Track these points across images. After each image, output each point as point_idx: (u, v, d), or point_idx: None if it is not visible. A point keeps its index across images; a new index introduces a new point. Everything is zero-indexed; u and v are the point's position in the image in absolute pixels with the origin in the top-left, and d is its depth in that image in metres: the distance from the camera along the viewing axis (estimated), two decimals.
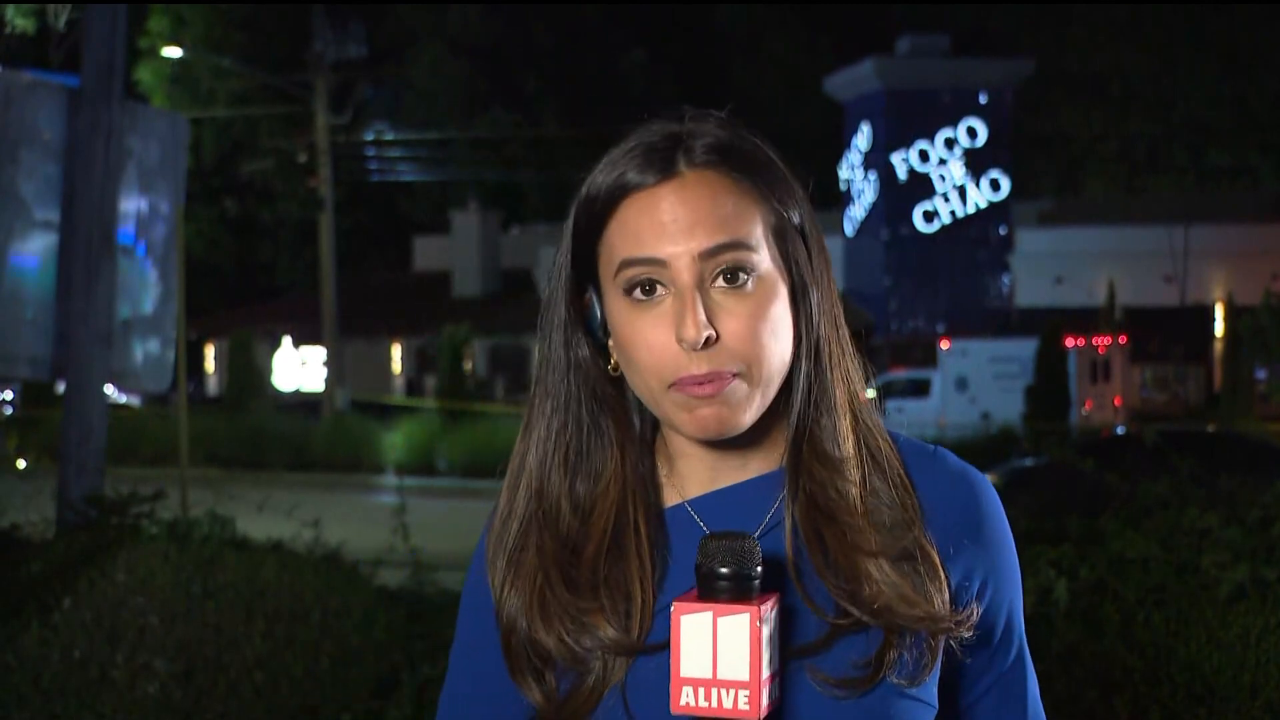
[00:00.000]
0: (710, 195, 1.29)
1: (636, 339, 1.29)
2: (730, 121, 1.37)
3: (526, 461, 1.36)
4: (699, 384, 1.26)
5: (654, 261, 1.28)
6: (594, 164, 1.36)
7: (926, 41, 37.07)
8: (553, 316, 1.35)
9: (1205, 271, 33.73)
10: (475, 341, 29.16)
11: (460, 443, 25.30)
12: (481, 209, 43.53)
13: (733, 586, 1.19)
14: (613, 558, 1.29)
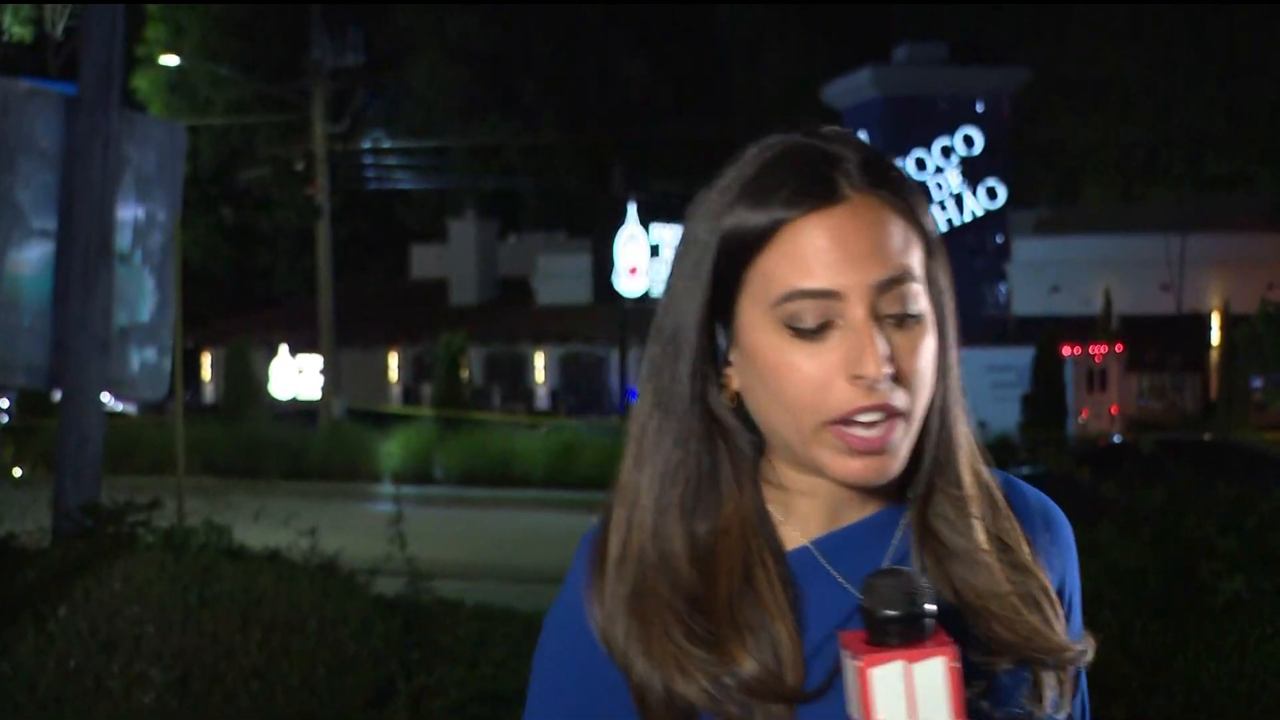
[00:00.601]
0: (879, 222, 1.23)
1: (794, 374, 1.20)
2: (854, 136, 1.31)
3: (640, 500, 1.27)
4: (866, 425, 1.19)
5: (827, 294, 1.19)
6: (709, 179, 1.30)
7: (924, 49, 37.13)
8: (679, 346, 1.25)
9: (1202, 280, 33.76)
10: (472, 350, 29.12)
11: (457, 451, 25.28)
12: (479, 217, 43.55)
13: (906, 628, 1.11)
14: (747, 600, 1.21)
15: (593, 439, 26.10)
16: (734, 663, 1.19)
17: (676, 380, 1.25)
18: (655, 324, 1.29)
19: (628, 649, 1.23)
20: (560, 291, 40.38)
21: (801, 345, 1.20)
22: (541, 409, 39.05)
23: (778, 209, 1.22)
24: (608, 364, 39.01)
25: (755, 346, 1.23)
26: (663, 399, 1.26)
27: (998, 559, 1.25)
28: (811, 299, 1.20)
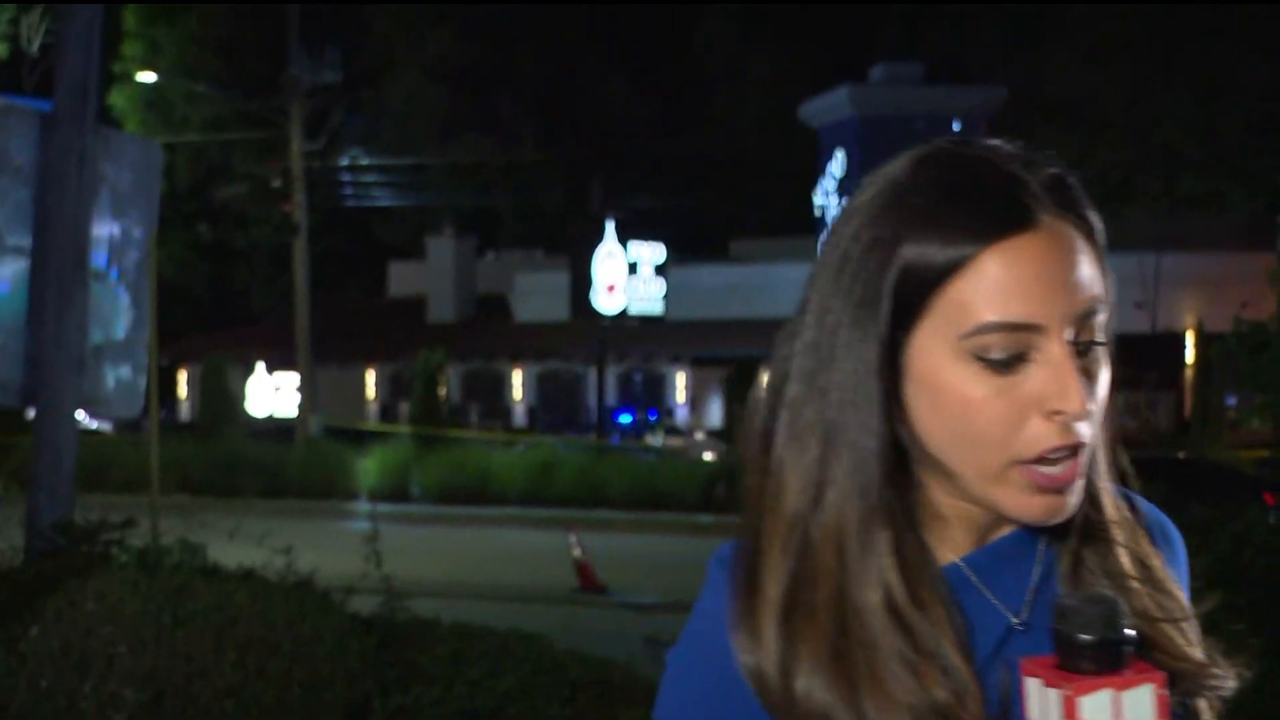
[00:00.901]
0: (1073, 248, 1.15)
1: (984, 410, 1.13)
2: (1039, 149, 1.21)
3: (820, 541, 1.17)
4: (1057, 462, 1.13)
5: (1027, 327, 1.12)
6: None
7: (900, 69, 37.35)
8: (858, 381, 1.16)
9: (1176, 298, 33.99)
10: (450, 367, 29.08)
11: (434, 468, 25.25)
12: (457, 234, 43.56)
13: (1104, 654, 1.05)
14: (916, 622, 1.16)
15: (570, 456, 26.10)
16: (928, 690, 1.13)
17: (859, 426, 1.16)
18: (801, 348, 1.21)
19: (796, 681, 1.15)
20: (538, 309, 40.38)
21: (992, 379, 1.13)
22: (519, 426, 39.00)
23: (968, 238, 1.14)
24: (585, 381, 38.99)
25: (937, 380, 1.15)
26: (834, 435, 1.17)
27: (1140, 582, 1.21)
28: (1010, 332, 1.13)
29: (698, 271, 39.32)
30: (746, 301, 37.73)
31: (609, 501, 24.21)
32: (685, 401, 38.80)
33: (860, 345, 1.17)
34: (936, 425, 1.16)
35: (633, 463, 25.61)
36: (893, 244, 1.16)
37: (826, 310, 1.20)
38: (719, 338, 36.41)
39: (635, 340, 36.05)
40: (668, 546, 20.60)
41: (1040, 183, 1.17)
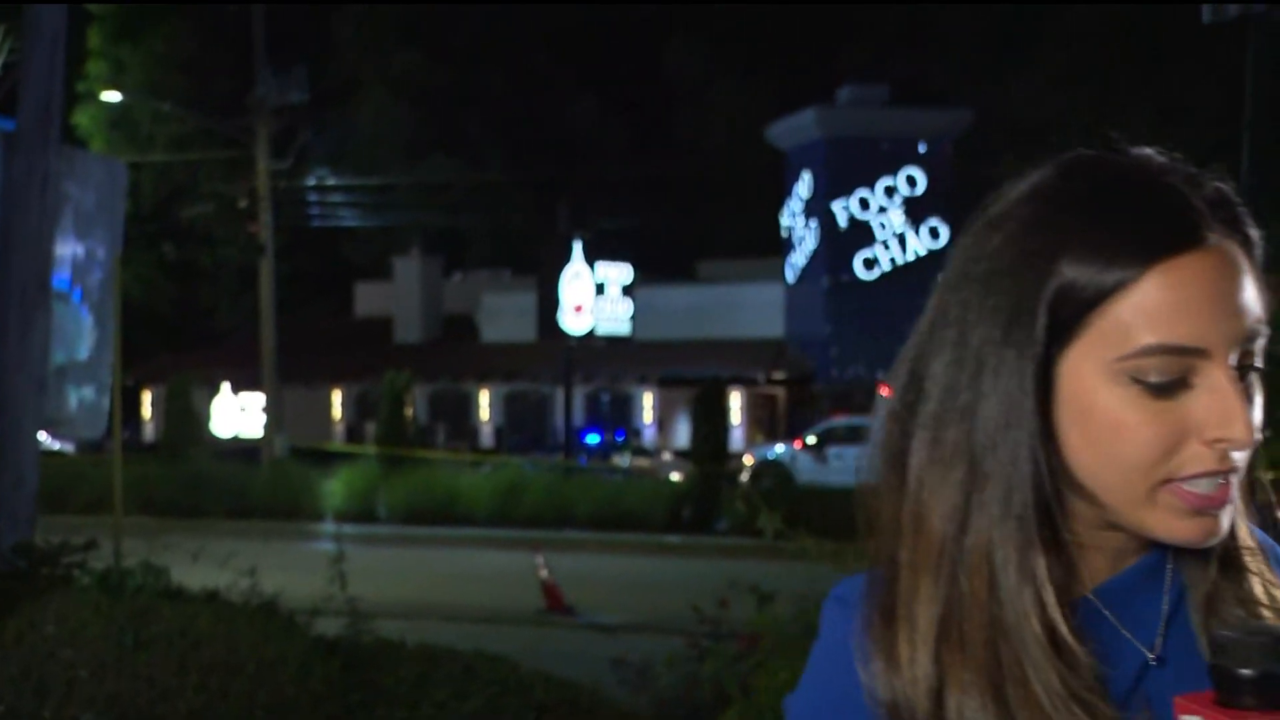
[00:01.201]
0: (1239, 269, 1.10)
1: (1139, 433, 1.08)
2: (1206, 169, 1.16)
3: (973, 571, 1.12)
4: (1212, 487, 1.09)
5: (1191, 350, 1.07)
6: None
7: (867, 91, 37.58)
8: (1006, 413, 1.11)
9: None
10: (416, 387, 29.01)
11: (400, 489, 25.18)
12: (424, 254, 43.48)
13: (1266, 689, 1.00)
14: (1079, 656, 1.10)
15: (537, 477, 26.05)
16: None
17: (1005, 439, 1.11)
18: (941, 365, 1.17)
19: (963, 717, 1.09)
20: (505, 329, 40.35)
21: (1150, 403, 1.08)
22: (486, 447, 38.91)
23: (1133, 258, 1.08)
24: (552, 402, 38.96)
25: (1089, 402, 1.10)
26: (982, 457, 1.12)
27: (1272, 610, 1.16)
28: (1169, 355, 1.07)
29: (665, 292, 39.38)
30: (714, 322, 37.78)
31: (576, 522, 24.18)
32: (652, 422, 38.83)
33: (1013, 363, 1.11)
34: (1085, 448, 1.10)
35: (600, 483, 25.58)
36: (1048, 260, 1.10)
37: (970, 325, 1.15)
38: (686, 358, 36.43)
39: (602, 360, 36.07)
40: (635, 567, 20.56)
41: (1205, 198, 1.12)
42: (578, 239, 29.43)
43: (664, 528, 23.75)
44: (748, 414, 38.52)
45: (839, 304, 36.26)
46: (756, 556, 19.99)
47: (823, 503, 23.33)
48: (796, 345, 37.23)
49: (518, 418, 40.63)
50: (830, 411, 34.19)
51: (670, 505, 24.27)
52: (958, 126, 37.49)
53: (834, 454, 29.45)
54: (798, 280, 37.47)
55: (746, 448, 34.89)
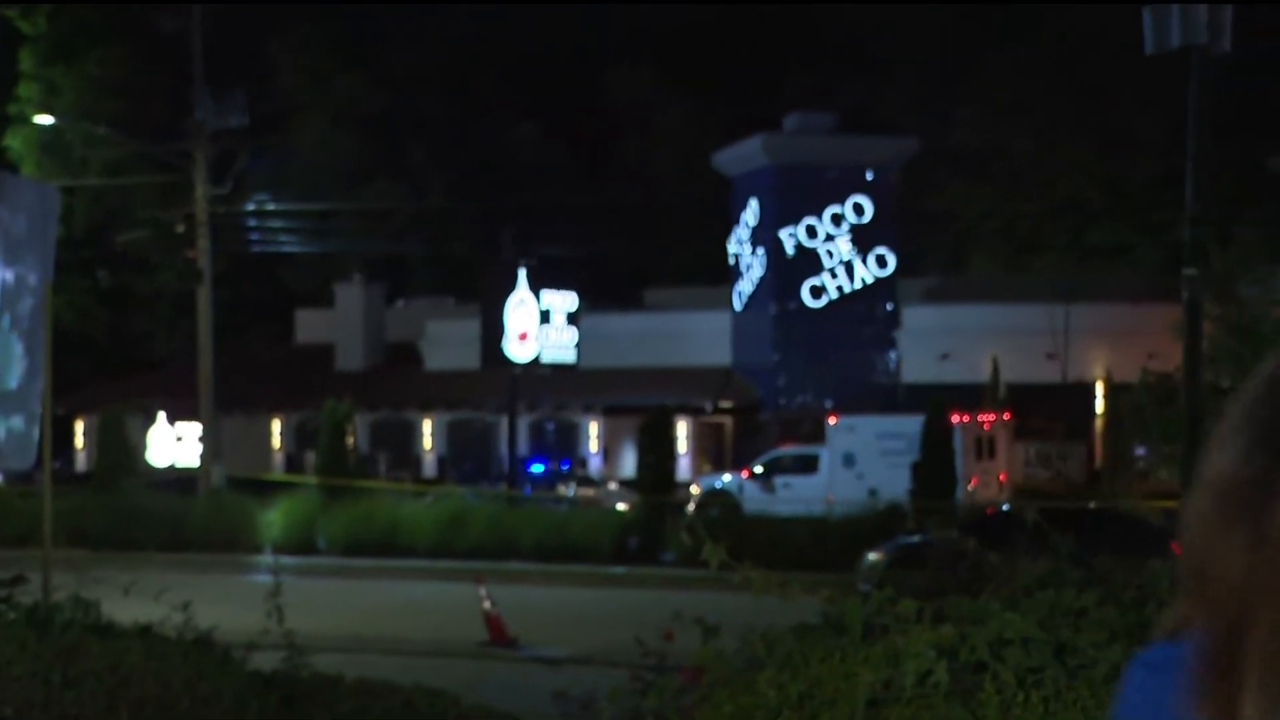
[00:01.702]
0: None
1: None
2: None
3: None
4: None
5: None
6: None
7: (814, 119, 37.88)
8: None
9: (1086, 349, 34.64)
10: (358, 416, 28.87)
11: (341, 520, 25.02)
12: (366, 281, 43.28)
13: None
14: None
15: (481, 507, 25.94)
16: None
17: None
18: None
19: None
20: (449, 357, 40.21)
21: None
22: (429, 477, 38.69)
23: None
24: (496, 431, 38.83)
25: None
26: None
27: None
28: None
29: (610, 319, 39.41)
30: (660, 350, 37.84)
31: (520, 553, 24.08)
32: (598, 451, 38.78)
33: None
34: None
35: (544, 513, 25.52)
36: None
37: None
38: (632, 386, 36.45)
39: (547, 389, 36.01)
40: (580, 599, 20.49)
41: None
42: (522, 266, 29.40)
43: (609, 559, 23.71)
44: (694, 443, 38.54)
45: (786, 332, 36.41)
46: (703, 588, 19.97)
47: (770, 533, 23.53)
48: (743, 373, 37.33)
49: (461, 447, 40.45)
50: (778, 440, 34.29)
51: (616, 536, 24.22)
52: (904, 155, 37.86)
53: (781, 483, 29.50)
54: (745, 308, 37.60)
55: (693, 477, 34.88)
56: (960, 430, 26.20)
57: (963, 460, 25.95)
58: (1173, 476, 24.33)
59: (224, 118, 28.11)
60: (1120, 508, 22.04)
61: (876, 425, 28.49)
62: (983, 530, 14.70)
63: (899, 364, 36.57)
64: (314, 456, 29.86)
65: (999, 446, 28.53)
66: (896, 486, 25.22)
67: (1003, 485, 28.31)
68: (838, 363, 36.42)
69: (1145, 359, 29.36)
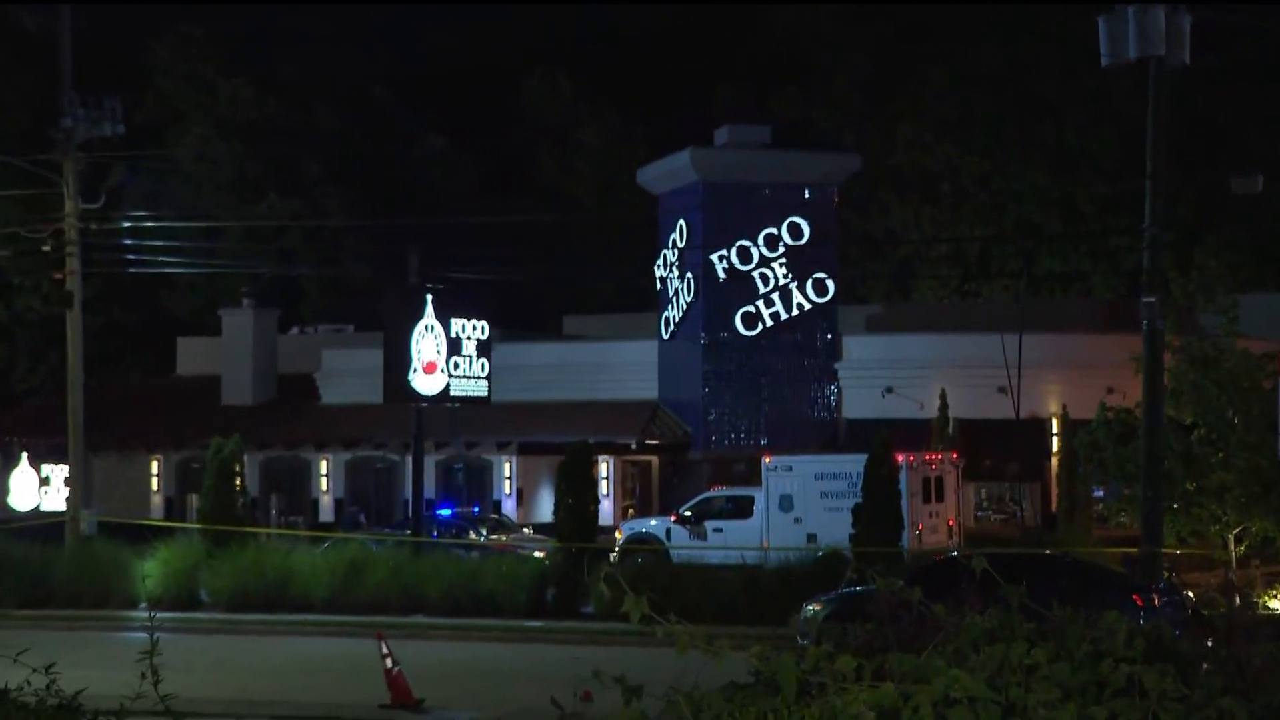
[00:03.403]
0: None
1: None
2: None
3: None
4: None
5: None
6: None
7: (746, 132, 38.11)
8: None
9: (1040, 383, 35.06)
10: (247, 456, 28.59)
11: (227, 571, 24.80)
12: (256, 307, 42.90)
13: None
14: None
15: (383, 556, 25.75)
16: None
17: None
18: None
19: None
20: (348, 390, 39.93)
21: None
22: (325, 522, 38.36)
23: None
24: (400, 471, 38.56)
25: None
26: None
27: None
28: None
29: (527, 349, 39.29)
30: (580, 382, 37.80)
31: (427, 606, 24.01)
32: (512, 493, 38.65)
33: None
34: None
35: (453, 562, 25.39)
36: None
37: None
38: (550, 422, 36.36)
39: (457, 425, 35.84)
40: (492, 656, 20.41)
41: None
42: (429, 291, 29.29)
43: (525, 612, 23.66)
44: (618, 484, 38.51)
45: (717, 363, 36.54)
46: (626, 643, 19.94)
47: (700, 582, 23.56)
48: (671, 408, 37.40)
49: (361, 489, 40.17)
50: (708, 482, 34.29)
51: (531, 587, 24.16)
52: (844, 172, 38.19)
53: (712, 528, 29.50)
54: (672, 337, 37.70)
55: (616, 521, 34.82)
56: (906, 471, 26.36)
57: (909, 503, 26.10)
58: (1133, 520, 24.66)
59: (96, 126, 27.78)
60: (1076, 554, 22.28)
61: (815, 465, 28.62)
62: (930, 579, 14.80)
63: (839, 399, 36.81)
64: (197, 500, 29.50)
65: (948, 488, 28.75)
66: (837, 532, 25.32)
67: (952, 530, 28.53)
68: (773, 397, 36.59)
69: (1103, 393, 29.79)
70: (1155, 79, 21.29)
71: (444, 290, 29.89)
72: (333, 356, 41.59)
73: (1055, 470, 33.18)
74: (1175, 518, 24.45)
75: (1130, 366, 25.03)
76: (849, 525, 24.66)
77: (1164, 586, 19.41)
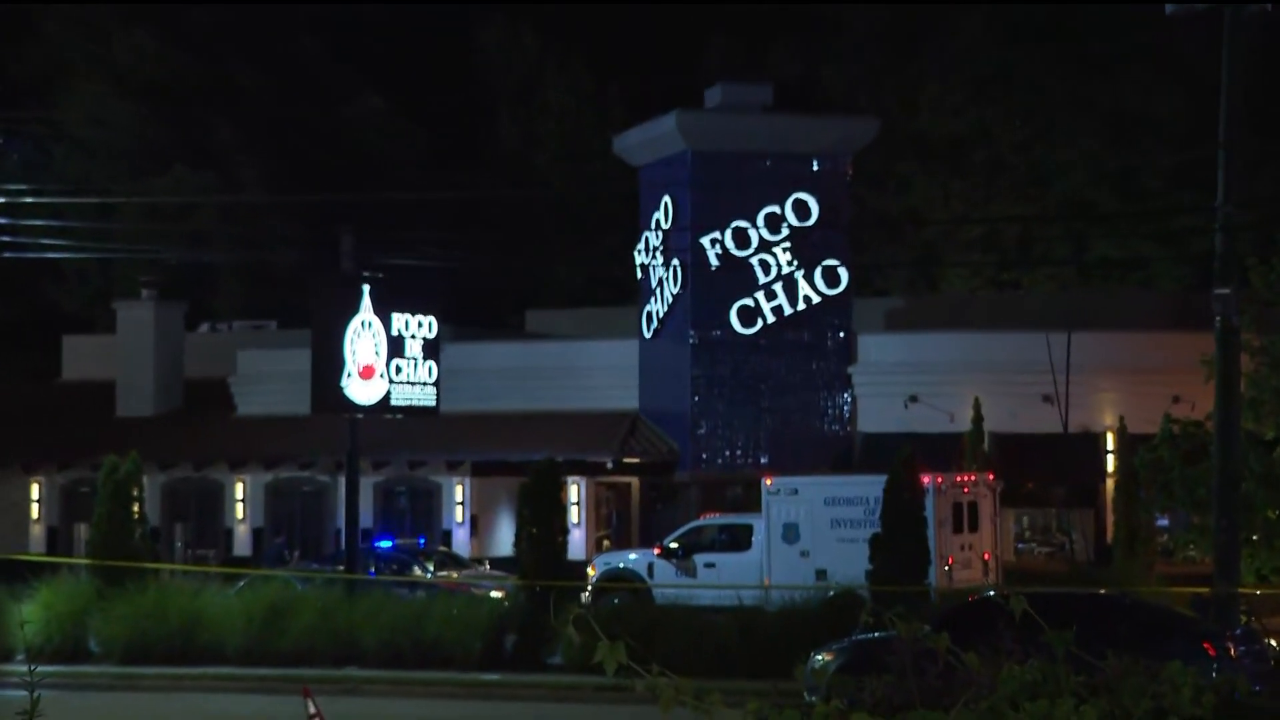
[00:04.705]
0: None
1: None
2: None
3: None
4: None
5: None
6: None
7: (743, 91, 38.04)
8: None
9: (1092, 390, 35.12)
10: (147, 477, 28.51)
11: (122, 616, 24.75)
12: (158, 299, 42.80)
13: None
14: None
15: (310, 596, 25.70)
16: None
17: None
18: None
19: None
20: (269, 399, 39.86)
21: None
22: (241, 555, 38.29)
23: None
24: (332, 495, 38.51)
25: None
26: None
27: None
28: None
29: (482, 350, 39.25)
30: (546, 389, 37.79)
31: (362, 656, 24.02)
32: (465, 521, 38.63)
33: None
34: None
35: (394, 604, 25.36)
36: None
37: None
38: (510, 436, 36.33)
39: (399, 441, 35.78)
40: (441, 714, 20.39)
41: None
42: (366, 281, 29.26)
43: (480, 662, 23.66)
44: (591, 510, 38.51)
45: (709, 367, 36.55)
46: (599, 699, 19.93)
47: (688, 627, 23.58)
48: (654, 420, 37.40)
49: (285, 517, 40.09)
50: (698, 508, 34.26)
51: (488, 632, 24.15)
52: (859, 139, 38.17)
53: (703, 563, 29.49)
54: (655, 336, 37.71)
55: (589, 555, 34.81)
56: (933, 495, 26.42)
57: (936, 534, 26.15)
58: (1204, 554, 24.72)
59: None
60: (1136, 595, 22.33)
61: (826, 488, 28.64)
62: (960, 623, 14.83)
63: (854, 409, 36.85)
64: (86, 530, 29.39)
65: (983, 516, 28.81)
66: (851, 567, 25.35)
67: (988, 565, 28.58)
68: (775, 407, 36.60)
69: (1168, 402, 29.84)
70: (1230, 28, 21.34)
71: (384, 280, 29.88)
72: (251, 358, 41.49)
73: (1111, 494, 33.24)
74: (1254, 552, 24.52)
75: (1200, 371, 25.09)
76: (865, 560, 24.71)
77: (1241, 633, 19.47)
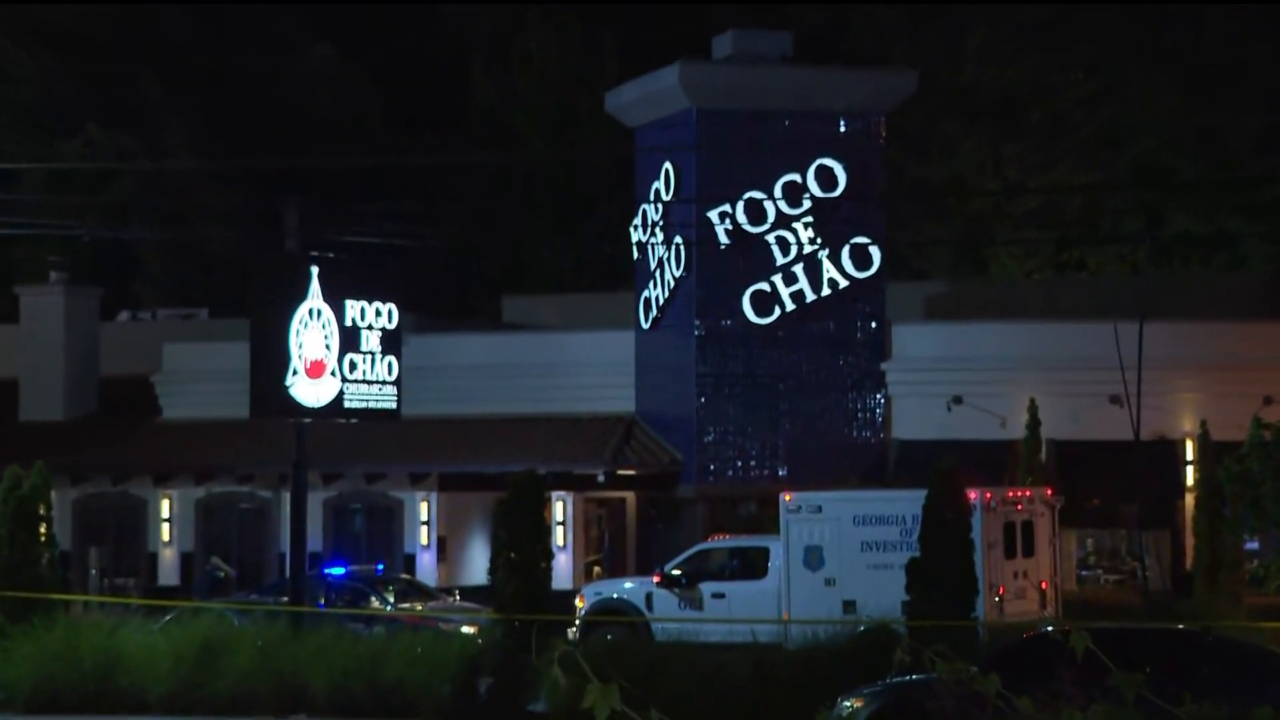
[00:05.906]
0: None
1: None
2: None
3: None
4: None
5: None
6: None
7: (757, 39, 37.96)
8: None
9: (1168, 391, 35.10)
10: (56, 493, 28.49)
11: (26, 656, 24.72)
12: (68, 284, 42.80)
13: None
14: None
15: (248, 633, 25.71)
16: None
17: None
18: None
19: None
20: (200, 400, 39.87)
21: None
22: (168, 585, 38.25)
23: None
24: (274, 514, 38.49)
25: None
26: None
27: None
28: None
29: (452, 343, 39.23)
30: (527, 389, 37.78)
31: (310, 702, 24.02)
32: (431, 544, 38.61)
33: None
34: None
35: (348, 641, 25.35)
36: None
37: None
38: (485, 445, 36.31)
39: (354, 450, 35.77)
40: None
41: None
42: (315, 262, 29.23)
43: (449, 709, 23.69)
44: (579, 531, 38.48)
45: (717, 363, 36.52)
46: None
47: (694, 667, 23.51)
48: (653, 425, 37.39)
49: (219, 539, 40.08)
50: (706, 529, 34.20)
51: (459, 675, 24.13)
52: (896, 95, 38.12)
53: (711, 593, 29.48)
54: (654, 326, 37.69)
55: (578, 583, 34.75)
56: (981, 513, 26.40)
57: (985, 558, 26.15)
58: None
59: None
60: (1220, 630, 22.31)
61: (855, 505, 28.62)
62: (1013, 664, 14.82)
63: (888, 412, 36.84)
64: None
65: (1040, 537, 28.79)
66: (885, 597, 25.34)
67: (1045, 596, 28.58)
68: (795, 410, 36.59)
69: (1258, 405, 29.78)
70: None
71: (336, 261, 29.83)
72: (179, 353, 41.49)
73: (1191, 513, 33.23)
74: None
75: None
76: (900, 589, 24.71)
77: None
